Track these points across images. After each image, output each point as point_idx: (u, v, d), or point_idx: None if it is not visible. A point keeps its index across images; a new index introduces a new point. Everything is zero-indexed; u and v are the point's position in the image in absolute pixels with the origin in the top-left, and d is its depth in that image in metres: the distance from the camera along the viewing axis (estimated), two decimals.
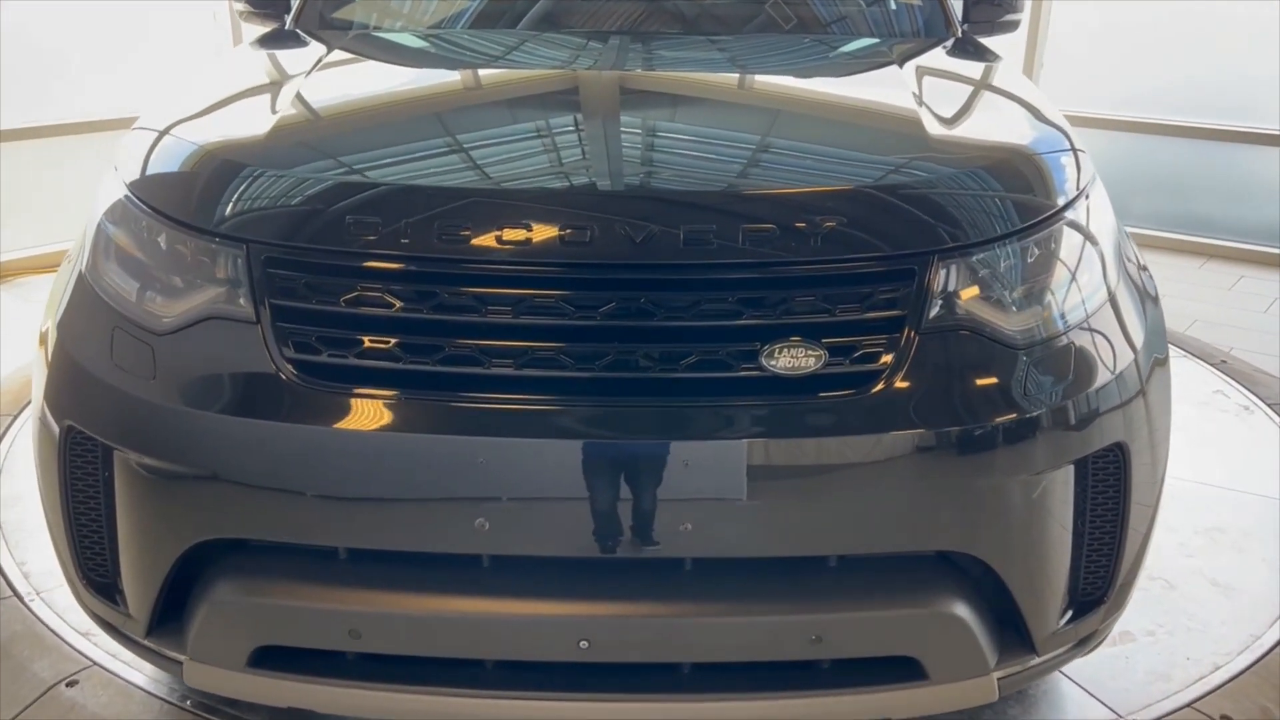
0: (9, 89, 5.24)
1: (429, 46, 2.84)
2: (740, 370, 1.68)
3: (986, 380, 1.75)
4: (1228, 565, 2.95)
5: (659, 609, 1.73)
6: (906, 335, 1.72)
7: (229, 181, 1.83)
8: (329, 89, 2.27)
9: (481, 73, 2.51)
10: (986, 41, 3.09)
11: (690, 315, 1.69)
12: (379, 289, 1.70)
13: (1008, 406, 1.74)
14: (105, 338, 1.82)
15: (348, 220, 1.72)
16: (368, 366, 1.69)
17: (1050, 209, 1.92)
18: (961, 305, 1.77)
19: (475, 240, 1.69)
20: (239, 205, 1.80)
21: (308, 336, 1.71)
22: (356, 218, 1.72)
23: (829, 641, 1.74)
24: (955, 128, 2.11)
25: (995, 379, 1.75)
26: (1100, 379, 1.84)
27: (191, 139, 1.99)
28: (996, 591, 1.81)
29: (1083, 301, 1.90)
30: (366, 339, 1.69)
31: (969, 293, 1.78)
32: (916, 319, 1.73)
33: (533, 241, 1.69)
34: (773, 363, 1.68)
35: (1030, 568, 1.82)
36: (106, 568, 1.90)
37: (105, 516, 1.85)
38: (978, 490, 1.74)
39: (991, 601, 1.83)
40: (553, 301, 1.68)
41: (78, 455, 1.85)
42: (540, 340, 1.68)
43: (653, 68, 2.52)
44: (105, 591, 1.92)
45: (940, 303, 1.75)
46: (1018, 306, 1.82)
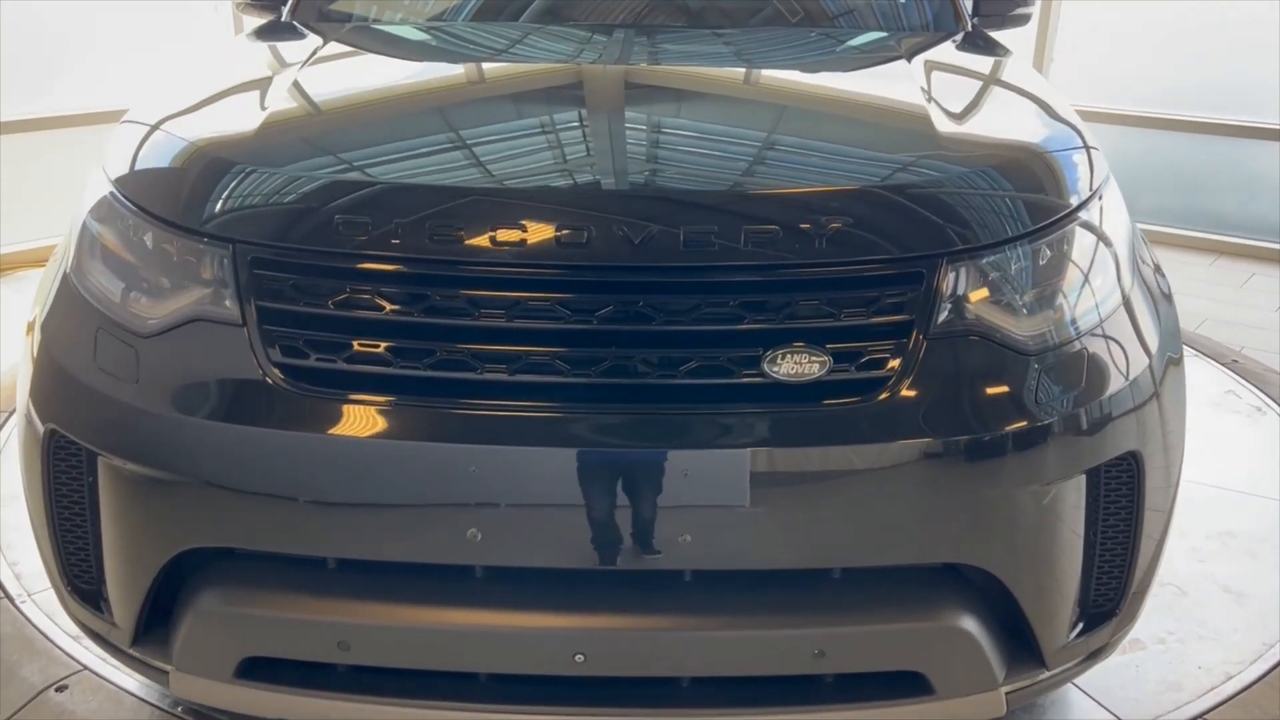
0: (15, 79, 5.19)
1: (425, 40, 2.79)
2: (742, 376, 1.63)
3: (996, 387, 1.69)
4: (1240, 571, 2.89)
5: (657, 622, 1.68)
6: (914, 341, 1.66)
7: (215, 179, 1.78)
8: (322, 83, 2.21)
9: (478, 68, 2.46)
10: (997, 35, 3.03)
11: (690, 319, 1.64)
12: (368, 291, 1.65)
13: (1018, 414, 1.68)
14: (89, 340, 1.77)
15: (336, 220, 1.67)
16: (357, 371, 1.64)
17: (1063, 209, 1.87)
18: (971, 310, 1.71)
19: (468, 241, 1.64)
20: (225, 203, 1.75)
21: (295, 340, 1.65)
22: (345, 217, 1.66)
23: (832, 656, 1.69)
24: (965, 125, 2.05)
25: (1005, 386, 1.70)
26: (1114, 386, 1.78)
27: (179, 134, 1.93)
28: (1005, 604, 1.76)
29: (1096, 305, 1.84)
30: (356, 343, 1.64)
31: (979, 297, 1.72)
32: (924, 324, 1.67)
33: (527, 243, 1.64)
34: (776, 369, 1.62)
35: (1040, 580, 1.77)
36: (91, 575, 1.86)
37: (90, 523, 1.81)
38: (986, 501, 1.68)
39: (999, 614, 1.77)
40: (547, 305, 1.63)
41: (61, 460, 1.80)
42: (535, 345, 1.62)
43: (654, 63, 2.46)
44: (90, 599, 1.88)
45: (949, 307, 1.69)
46: (1029, 311, 1.76)
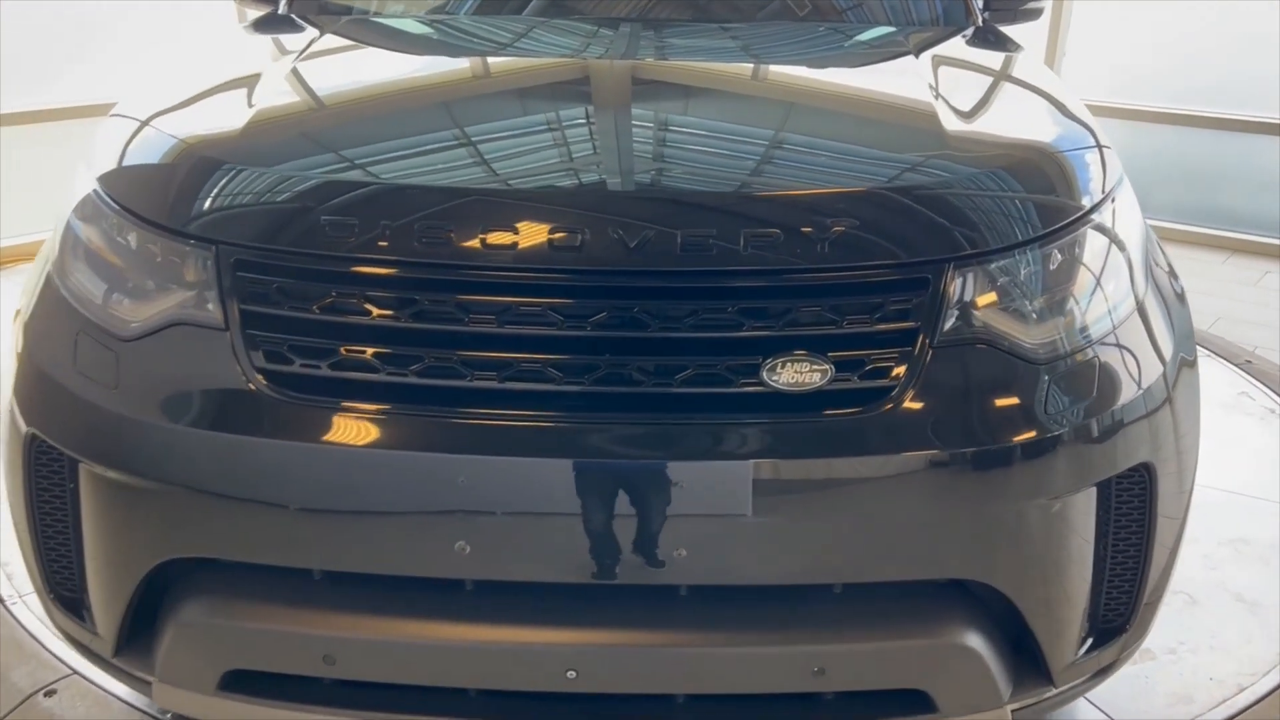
0: (26, 70, 5.15)
1: (420, 34, 2.72)
2: (741, 385, 1.57)
3: (1004, 398, 1.64)
4: (1253, 579, 2.83)
5: (651, 637, 1.63)
6: (919, 349, 1.61)
7: (199, 177, 1.72)
8: (313, 79, 2.16)
9: (471, 64, 2.40)
10: (1008, 30, 2.96)
11: (687, 326, 1.58)
12: (355, 295, 1.60)
13: (1027, 425, 1.63)
14: (70, 342, 1.72)
15: (322, 221, 1.61)
16: (342, 378, 1.58)
17: (1075, 212, 1.81)
18: (978, 317, 1.65)
19: (457, 244, 1.59)
20: (208, 203, 1.69)
21: (279, 345, 1.60)
22: (332, 219, 1.61)
23: (832, 673, 1.64)
24: (973, 124, 1.98)
25: (1014, 396, 1.64)
26: (1126, 396, 1.72)
27: (165, 131, 1.88)
28: (1011, 620, 1.71)
29: (1109, 312, 1.78)
30: (342, 349, 1.59)
31: (987, 303, 1.67)
32: (930, 331, 1.61)
33: (518, 246, 1.58)
34: (775, 378, 1.57)
35: (1048, 596, 1.71)
36: (74, 583, 1.81)
37: (72, 530, 1.76)
38: (993, 515, 1.63)
39: (1005, 630, 1.72)
40: (539, 310, 1.57)
41: (43, 464, 1.76)
42: (526, 351, 1.57)
43: (654, 59, 2.40)
44: (73, 607, 1.83)
45: (956, 314, 1.64)
46: (1039, 318, 1.70)
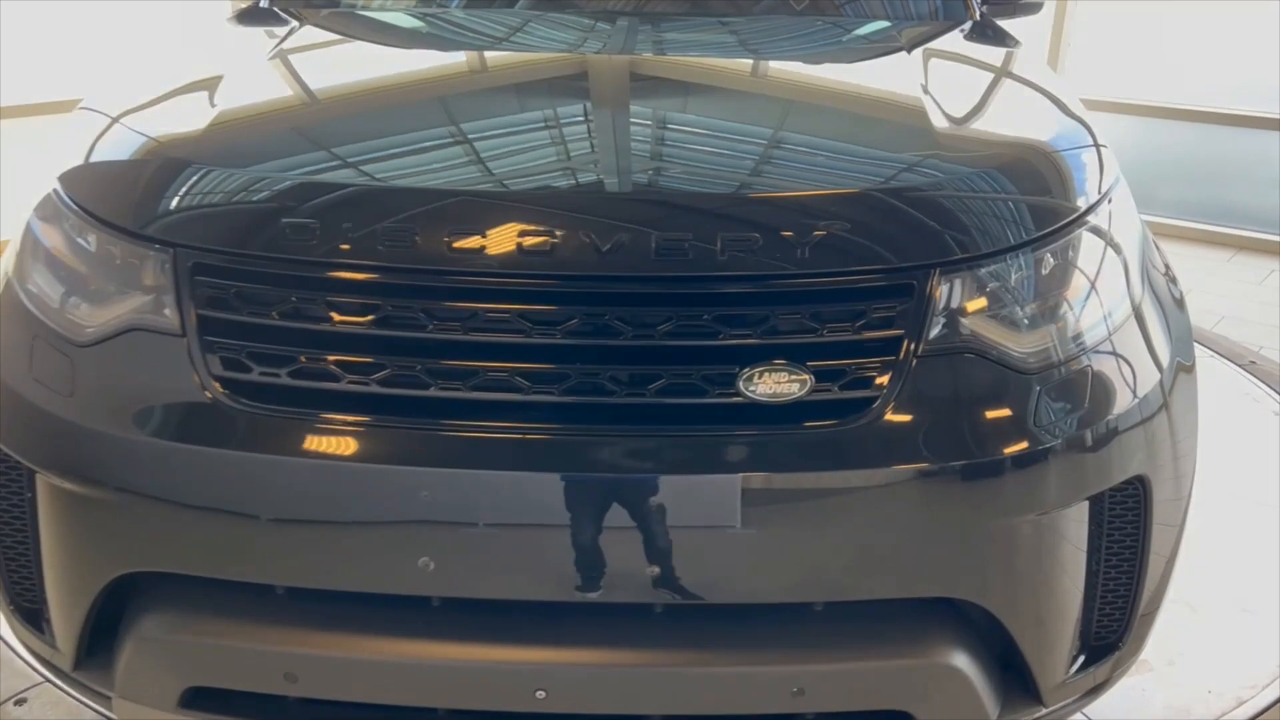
0: (37, 62, 5.10)
1: (398, 26, 2.66)
2: (716, 396, 1.51)
3: (992, 409, 1.57)
4: (1255, 587, 2.77)
5: (623, 656, 1.57)
6: (903, 358, 1.54)
7: (158, 177, 1.67)
8: (280, 75, 2.10)
9: (441, 61, 2.34)
10: (1009, 24, 2.89)
11: (662, 334, 1.52)
12: (316, 301, 1.54)
13: (1015, 438, 1.56)
14: (26, 348, 1.66)
15: (283, 224, 1.55)
16: (303, 387, 1.52)
17: (1069, 214, 1.74)
18: (966, 324, 1.59)
19: (421, 249, 1.52)
20: (168, 204, 1.63)
21: (237, 352, 1.54)
22: (292, 221, 1.55)
23: (811, 694, 1.58)
24: (964, 122, 1.92)
25: (1002, 407, 1.57)
26: (1120, 406, 1.66)
27: (127, 128, 1.82)
28: (999, 639, 1.64)
29: (1104, 318, 1.72)
30: (302, 356, 1.53)
31: (975, 310, 1.60)
32: (915, 340, 1.55)
33: (486, 250, 1.52)
34: (753, 388, 1.51)
35: (1037, 614, 1.65)
36: (34, 594, 1.76)
37: (31, 541, 1.71)
38: (979, 531, 1.56)
39: (993, 649, 1.66)
40: (507, 317, 1.51)
41: (1, 473, 1.70)
42: (492, 360, 1.51)
43: (634, 54, 2.33)
44: (33, 620, 1.78)
45: (942, 322, 1.57)
46: (1030, 325, 1.64)
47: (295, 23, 2.48)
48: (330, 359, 1.52)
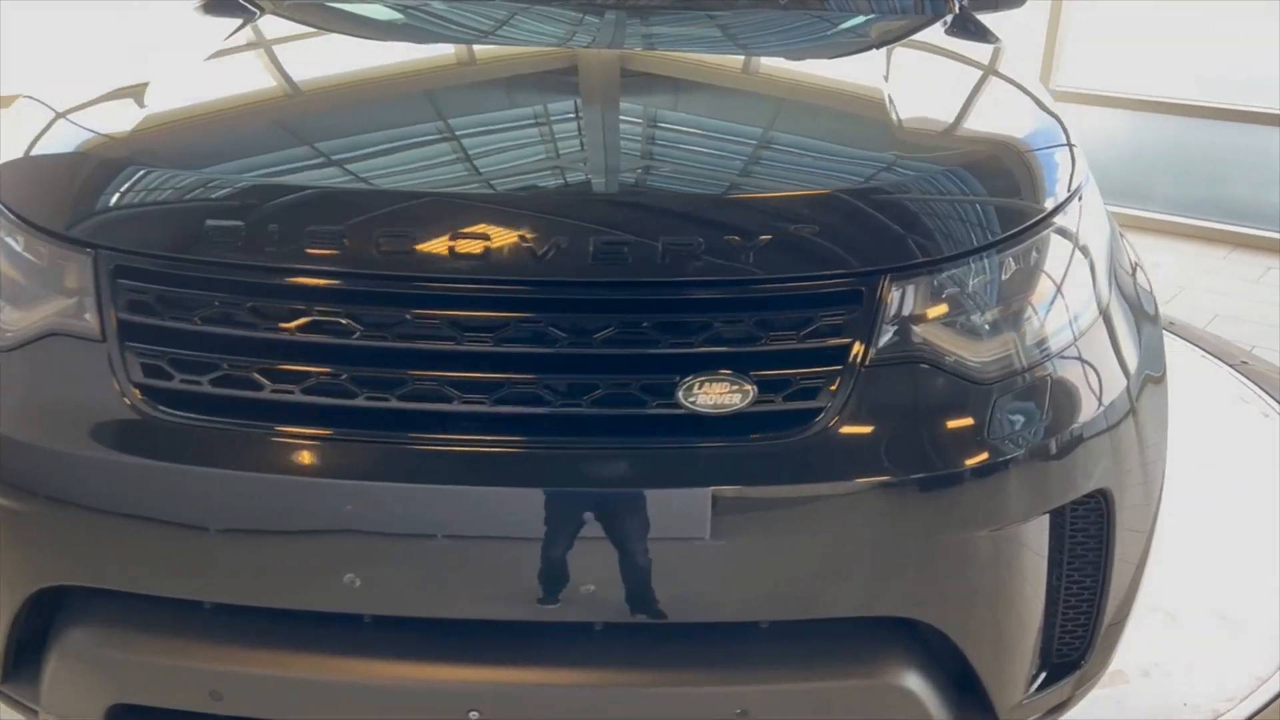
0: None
1: (359, 15, 2.58)
2: (655, 407, 1.45)
3: (946, 420, 1.51)
4: (1235, 596, 2.70)
5: (558, 676, 1.51)
6: (851, 368, 1.48)
7: (85, 176, 1.61)
8: (230, 70, 2.04)
9: (389, 56, 2.26)
10: (991, 18, 2.81)
11: (598, 342, 1.46)
12: (237, 306, 1.48)
13: (970, 451, 1.50)
14: None
15: (207, 226, 1.50)
16: (224, 395, 1.47)
17: (1033, 215, 1.68)
18: (919, 332, 1.52)
19: (347, 252, 1.46)
20: (93, 205, 1.58)
21: (158, 358, 1.49)
22: (215, 223, 1.49)
23: (755, 715, 1.52)
24: (927, 119, 1.85)
25: (956, 419, 1.52)
26: (1083, 417, 1.60)
27: (63, 123, 1.77)
28: (954, 658, 1.59)
29: (1069, 323, 1.66)
30: (224, 364, 1.47)
31: (930, 317, 1.54)
32: (864, 349, 1.49)
33: (414, 254, 1.46)
34: (693, 399, 1.45)
35: (993, 632, 1.59)
36: None
37: None
38: (930, 547, 1.50)
39: (947, 668, 1.60)
40: (437, 324, 1.45)
41: None
42: (422, 369, 1.45)
43: (600, 48, 2.26)
44: None
45: (894, 330, 1.51)
46: (989, 332, 1.58)
47: (257, 12, 2.41)
48: (253, 367, 1.46)
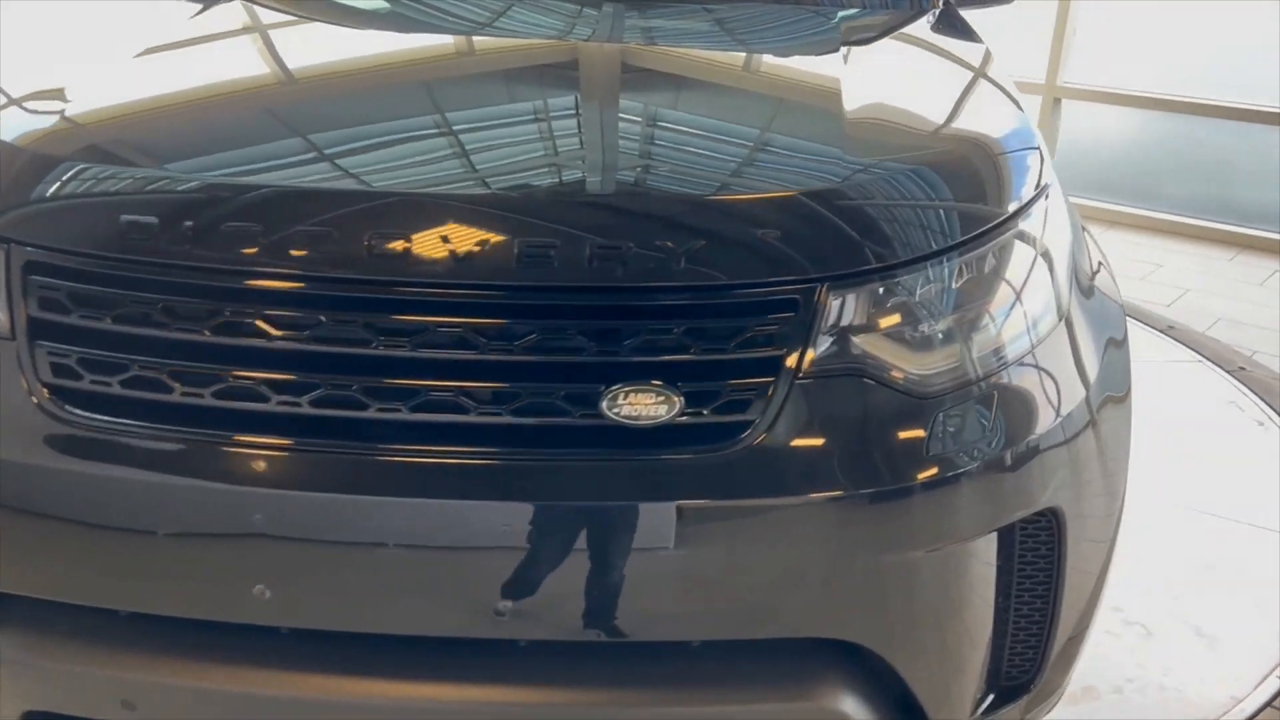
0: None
1: (332, 2, 2.53)
2: (577, 417, 1.39)
3: (885, 436, 1.45)
4: (1216, 609, 2.64)
5: (479, 693, 1.46)
6: (783, 380, 1.42)
7: (8, 169, 1.56)
8: (171, 60, 1.99)
9: (332, 48, 2.20)
10: (980, 14, 2.74)
11: (520, 349, 1.40)
12: (151, 305, 1.43)
13: (911, 467, 1.44)
14: None
15: (122, 222, 1.45)
16: (135, 397, 1.42)
17: (992, 219, 1.62)
18: (859, 344, 1.46)
19: (261, 249, 1.41)
20: (6, 198, 1.53)
21: (69, 358, 1.44)
22: (130, 219, 1.44)
23: None
24: (883, 117, 1.79)
25: (897, 434, 1.45)
26: (1032, 432, 1.53)
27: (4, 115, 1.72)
28: (894, 681, 1.53)
29: (1026, 331, 1.60)
30: (136, 364, 1.42)
31: (872, 328, 1.47)
32: (798, 361, 1.43)
33: (329, 254, 1.41)
34: (616, 409, 1.39)
35: (935, 655, 1.53)
36: None
37: None
38: (865, 568, 1.45)
39: (889, 692, 1.54)
40: (351, 327, 1.40)
41: None
42: (334, 373, 1.40)
43: (549, 40, 2.19)
44: None
45: (831, 340, 1.45)
46: (934, 344, 1.51)
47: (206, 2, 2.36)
48: (164, 369, 1.41)
